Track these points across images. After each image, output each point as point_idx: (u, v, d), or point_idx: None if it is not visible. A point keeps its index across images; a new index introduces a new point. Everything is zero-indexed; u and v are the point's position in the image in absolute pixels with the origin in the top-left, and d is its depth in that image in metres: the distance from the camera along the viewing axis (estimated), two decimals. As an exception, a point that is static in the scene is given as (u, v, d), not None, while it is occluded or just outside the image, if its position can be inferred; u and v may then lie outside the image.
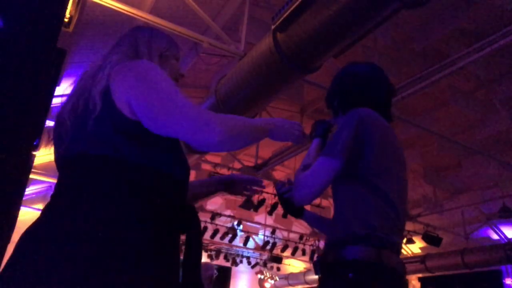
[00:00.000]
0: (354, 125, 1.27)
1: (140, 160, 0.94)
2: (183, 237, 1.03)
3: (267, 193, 7.45)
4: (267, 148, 7.25)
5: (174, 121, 0.92)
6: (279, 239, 10.64)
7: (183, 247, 1.02)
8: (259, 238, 11.63)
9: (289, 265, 13.50)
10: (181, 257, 1.00)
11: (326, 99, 1.55)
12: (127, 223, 0.88)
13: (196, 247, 1.03)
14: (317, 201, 7.80)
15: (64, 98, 1.10)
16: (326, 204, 8.49)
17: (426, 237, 8.37)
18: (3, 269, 0.85)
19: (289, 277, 13.45)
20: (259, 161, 6.94)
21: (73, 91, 1.08)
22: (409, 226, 8.73)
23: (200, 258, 1.05)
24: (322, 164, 1.25)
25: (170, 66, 1.19)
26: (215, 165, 7.31)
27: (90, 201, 0.89)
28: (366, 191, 1.28)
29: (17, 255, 0.86)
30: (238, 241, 10.65)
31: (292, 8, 3.08)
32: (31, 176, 5.35)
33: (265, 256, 12.09)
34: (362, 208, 1.27)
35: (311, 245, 10.40)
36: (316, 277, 1.38)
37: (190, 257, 1.01)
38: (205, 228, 9.21)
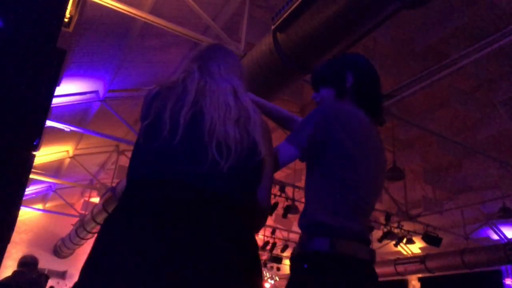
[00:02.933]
0: (315, 122, 1.29)
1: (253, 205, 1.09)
2: None
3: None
4: (267, 148, 7.22)
5: (262, 197, 1.12)
6: (279, 239, 10.62)
7: None
8: (259, 238, 11.62)
9: (289, 265, 13.47)
10: None
11: (324, 73, 1.54)
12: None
13: None
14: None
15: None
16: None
17: (426, 237, 8.37)
18: None
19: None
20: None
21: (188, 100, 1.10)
22: (409, 226, 8.72)
23: None
24: (283, 147, 1.33)
25: None
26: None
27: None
28: (324, 180, 1.31)
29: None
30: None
31: (292, 8, 3.08)
32: (31, 176, 5.35)
33: (265, 256, 12.08)
34: (319, 196, 1.31)
35: (311, 245, 10.38)
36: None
37: None
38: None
